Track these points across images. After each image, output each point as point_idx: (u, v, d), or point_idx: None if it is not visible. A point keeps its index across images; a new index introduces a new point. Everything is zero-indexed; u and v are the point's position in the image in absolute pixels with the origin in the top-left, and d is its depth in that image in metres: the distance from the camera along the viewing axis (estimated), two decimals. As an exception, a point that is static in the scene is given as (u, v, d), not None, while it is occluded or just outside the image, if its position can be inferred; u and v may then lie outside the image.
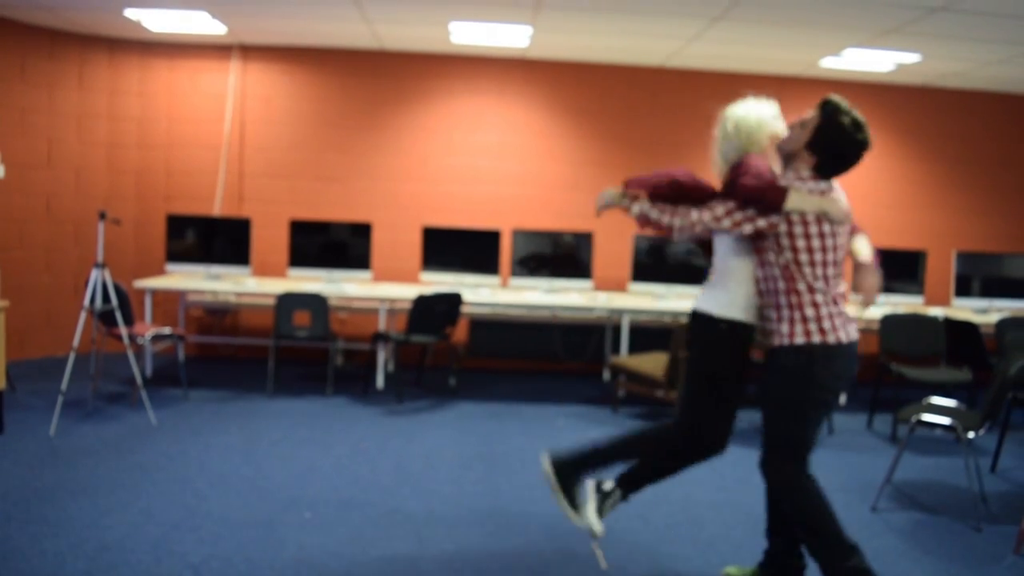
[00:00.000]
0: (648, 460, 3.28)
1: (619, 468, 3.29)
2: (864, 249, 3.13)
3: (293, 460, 4.56)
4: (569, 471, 3.24)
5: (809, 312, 2.97)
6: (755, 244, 3.04)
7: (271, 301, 6.16)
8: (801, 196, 2.90)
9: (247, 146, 7.23)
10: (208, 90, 7.21)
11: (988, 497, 4.58)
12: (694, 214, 3.05)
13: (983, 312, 7.02)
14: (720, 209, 3.01)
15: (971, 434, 4.22)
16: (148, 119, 7.21)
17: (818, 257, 2.96)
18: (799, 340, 2.96)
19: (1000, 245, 7.98)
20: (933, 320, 6.31)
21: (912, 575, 3.50)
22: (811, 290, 2.97)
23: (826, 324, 2.97)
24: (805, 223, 2.92)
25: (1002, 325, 6.18)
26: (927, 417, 4.41)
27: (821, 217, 2.93)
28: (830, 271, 2.99)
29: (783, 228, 2.93)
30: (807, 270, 2.95)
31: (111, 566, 3.16)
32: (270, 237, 7.18)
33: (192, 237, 6.66)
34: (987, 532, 4.04)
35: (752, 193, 2.89)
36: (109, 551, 3.29)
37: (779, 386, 3.04)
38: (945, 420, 4.34)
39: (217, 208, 7.18)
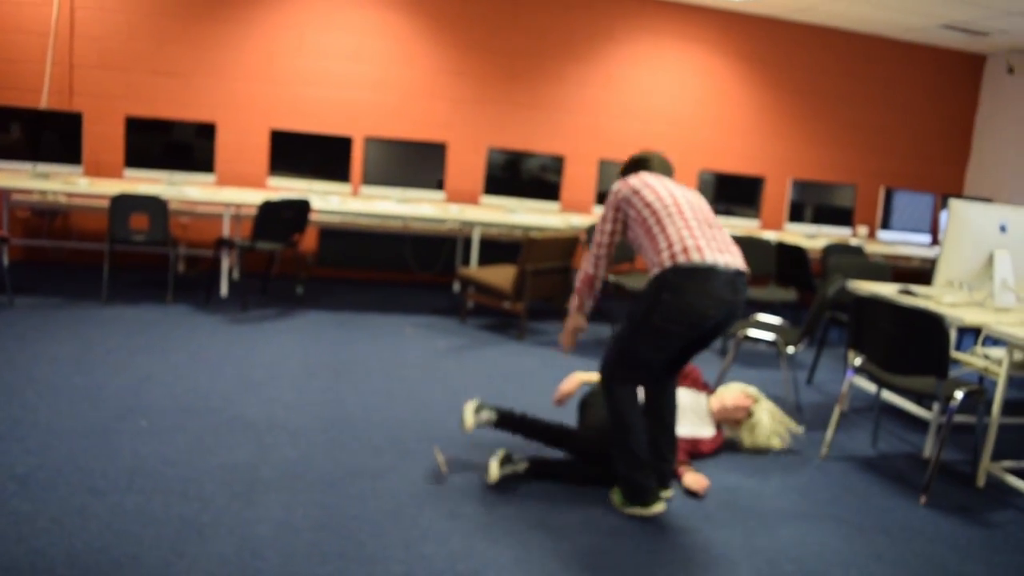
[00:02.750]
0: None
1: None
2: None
3: (129, 369, 4.41)
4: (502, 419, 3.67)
5: (662, 242, 3.25)
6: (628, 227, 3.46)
7: (105, 203, 5.83)
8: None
9: (78, 34, 6.67)
10: (31, -32, 6.58)
11: (803, 407, 4.99)
12: (592, 248, 3.54)
13: (812, 237, 7.51)
14: (596, 234, 3.54)
15: (791, 349, 4.56)
16: (-39, -4, 6.53)
17: (657, 206, 3.33)
18: (655, 271, 3.24)
19: (831, 174, 8.51)
20: (766, 243, 6.69)
21: (728, 479, 3.80)
22: (671, 225, 3.27)
23: (686, 245, 3.20)
24: (632, 200, 3.42)
25: (827, 250, 6.64)
26: (753, 332, 4.72)
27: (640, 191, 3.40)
28: (677, 219, 3.28)
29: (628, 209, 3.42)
30: (652, 222, 3.31)
31: (-75, 478, 3.00)
32: (104, 134, 6.75)
33: (16, 132, 6.15)
34: (799, 438, 4.42)
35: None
36: (-78, 462, 3.12)
37: (634, 304, 3.34)
38: (769, 335, 4.66)
39: (44, 101, 6.65)
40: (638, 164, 3.75)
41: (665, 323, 3.15)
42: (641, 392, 3.46)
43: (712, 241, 3.22)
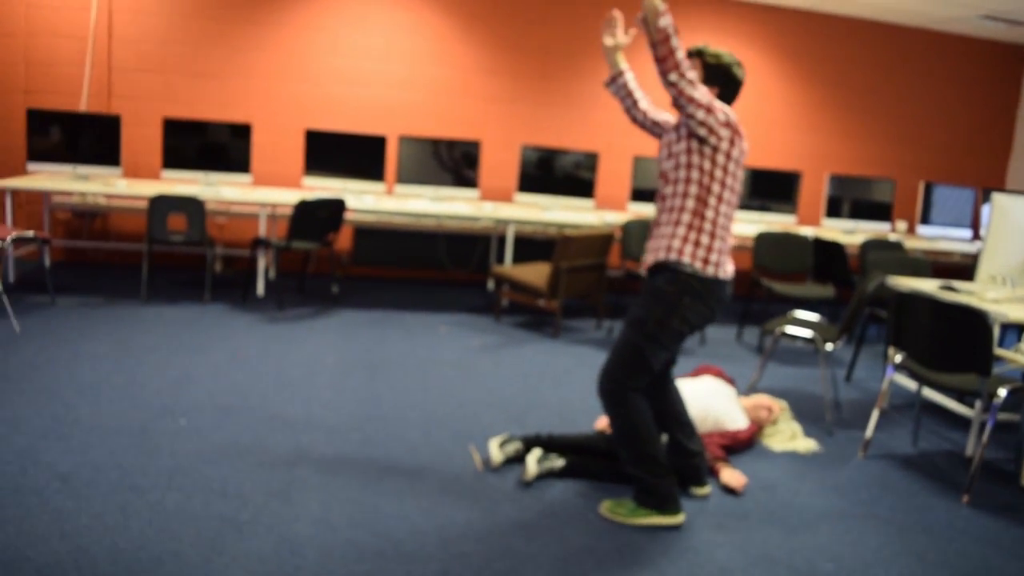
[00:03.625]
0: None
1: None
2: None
3: (168, 368, 4.47)
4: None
5: (704, 239, 3.08)
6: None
7: (143, 204, 5.92)
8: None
9: (116, 38, 6.77)
10: (71, -26, 6.69)
11: (841, 404, 4.93)
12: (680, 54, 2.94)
13: (850, 233, 7.41)
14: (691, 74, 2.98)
15: (829, 346, 4.50)
16: (2, 2, 6.65)
17: (730, 182, 3.10)
18: (677, 260, 3.09)
19: (869, 169, 8.39)
20: (803, 239, 6.61)
21: (768, 474, 3.76)
22: (715, 217, 3.09)
23: (713, 256, 3.10)
24: (722, 146, 3.05)
25: (866, 246, 6.54)
26: (790, 330, 4.67)
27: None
28: (731, 205, 3.14)
29: (725, 134, 3.04)
30: (716, 190, 3.07)
31: (-28, 475, 3.07)
32: (142, 136, 6.84)
33: (56, 134, 6.26)
34: (838, 436, 4.37)
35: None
36: (-30, 460, 3.19)
37: (646, 306, 3.16)
38: (806, 333, 4.61)
39: (83, 104, 6.76)
40: (732, 81, 3.22)
41: (682, 325, 3.12)
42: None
43: (729, 240, 3.18)
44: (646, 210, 7.09)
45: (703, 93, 2.98)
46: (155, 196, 5.67)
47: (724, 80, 3.19)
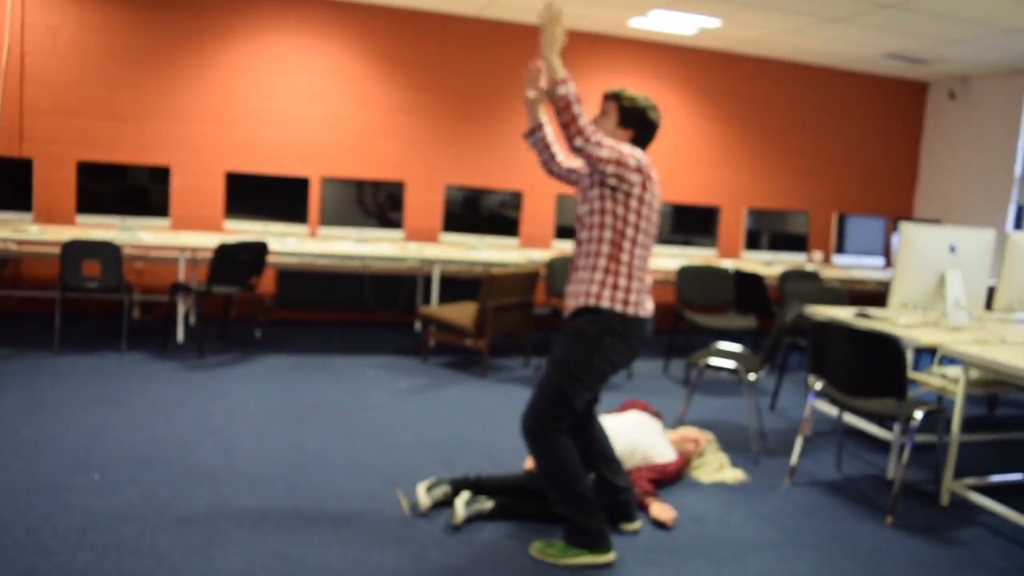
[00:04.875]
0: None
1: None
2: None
3: (81, 420, 4.29)
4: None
5: (622, 281, 3.11)
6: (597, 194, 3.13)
7: (56, 250, 5.71)
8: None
9: (28, 80, 6.58)
10: (-23, 16, 6.49)
11: (767, 433, 5.01)
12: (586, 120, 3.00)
13: (769, 264, 7.59)
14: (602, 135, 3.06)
15: (752, 376, 4.58)
16: (-96, 46, 6.42)
17: (644, 224, 3.13)
18: (596, 304, 3.11)
19: (785, 202, 8.64)
20: (724, 272, 6.75)
21: (697, 506, 3.78)
22: (630, 259, 3.12)
23: (632, 296, 3.12)
24: (634, 191, 3.08)
25: (784, 277, 6.71)
26: (714, 361, 4.73)
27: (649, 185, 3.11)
28: (646, 248, 3.18)
29: (635, 179, 3.06)
30: (630, 234, 3.10)
31: None
32: (56, 180, 6.64)
33: (-38, 179, 6.03)
34: (765, 464, 4.43)
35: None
36: None
37: (568, 346, 3.16)
38: (730, 364, 4.68)
39: (-8, 148, 6.53)
40: (647, 124, 3.25)
41: (605, 365, 3.14)
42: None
43: (647, 279, 3.22)
44: (570, 247, 7.14)
45: (609, 149, 3.02)
46: (68, 241, 5.49)
47: (639, 124, 3.24)
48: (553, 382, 3.13)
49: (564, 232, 7.18)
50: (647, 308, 3.18)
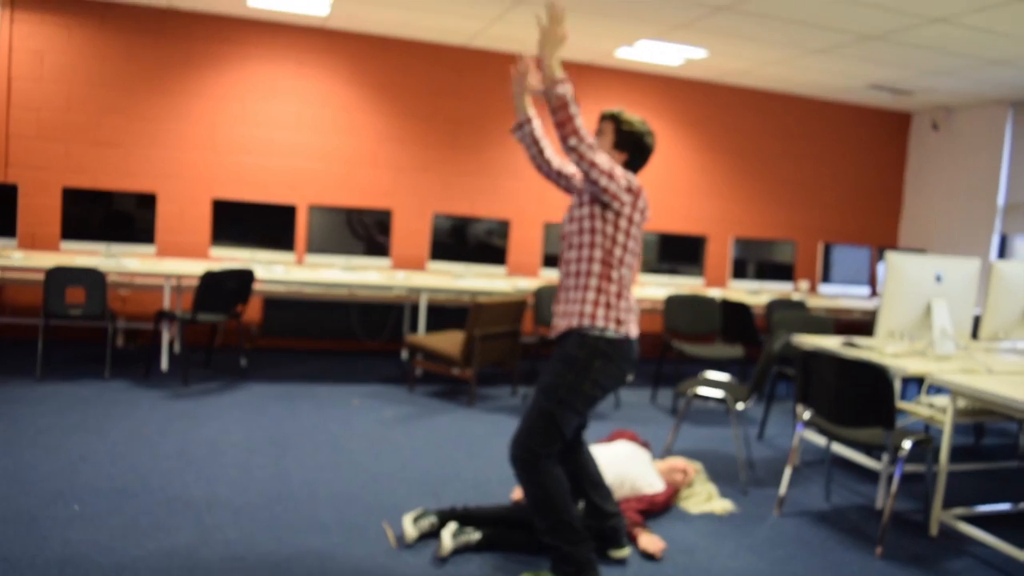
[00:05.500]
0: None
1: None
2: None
3: (62, 449, 4.23)
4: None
5: (614, 300, 3.10)
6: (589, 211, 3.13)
7: (40, 276, 5.66)
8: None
9: (15, 105, 6.56)
10: (-36, 42, 6.48)
11: (755, 463, 4.98)
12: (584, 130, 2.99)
13: (755, 293, 7.61)
14: (602, 155, 3.04)
15: (740, 405, 4.56)
16: None
17: (631, 245, 3.14)
18: (584, 326, 3.10)
19: (771, 231, 8.69)
20: (711, 301, 6.76)
21: (686, 537, 3.75)
22: (620, 279, 3.12)
23: (623, 316, 3.12)
24: (625, 211, 3.09)
25: (771, 306, 6.73)
26: (702, 391, 4.72)
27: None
28: (631, 269, 3.19)
29: (627, 199, 3.07)
30: (618, 253, 3.10)
31: None
32: (41, 206, 6.60)
33: (-55, 205, 5.98)
34: (753, 495, 4.40)
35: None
36: None
37: (557, 372, 3.14)
38: (718, 393, 4.66)
39: (-24, 174, 6.50)
40: (642, 149, 3.26)
41: (595, 389, 3.12)
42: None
43: (633, 300, 3.22)
44: (558, 276, 7.13)
45: (604, 158, 3.02)
46: (52, 268, 5.44)
47: (634, 148, 3.23)
48: (542, 408, 3.11)
49: (551, 261, 7.18)
50: (634, 330, 3.18)
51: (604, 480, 3.47)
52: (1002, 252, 8.15)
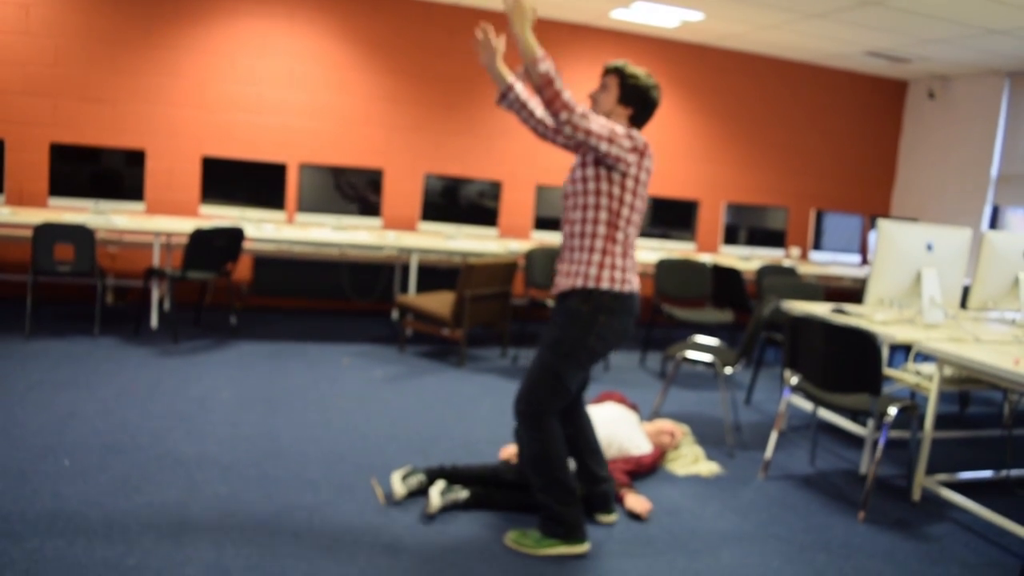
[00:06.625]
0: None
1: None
2: None
3: (51, 405, 4.23)
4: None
5: (619, 261, 3.10)
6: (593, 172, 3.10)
7: (28, 233, 5.62)
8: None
9: (1, 60, 6.46)
10: (-52, -8, 6.36)
11: (742, 426, 5.03)
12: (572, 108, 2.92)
13: (746, 259, 7.62)
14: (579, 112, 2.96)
15: (728, 370, 4.59)
16: None
17: (638, 204, 3.13)
18: (586, 284, 3.09)
19: (763, 197, 8.67)
20: (702, 266, 6.77)
21: (672, 499, 3.79)
22: (625, 238, 3.11)
23: (627, 275, 3.13)
24: (630, 171, 3.07)
25: (761, 272, 6.73)
26: (691, 354, 4.74)
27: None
28: (636, 227, 3.18)
29: (632, 159, 3.05)
30: (625, 213, 3.09)
31: None
32: (28, 162, 6.52)
33: (-69, 159, 5.91)
34: (739, 458, 4.44)
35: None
36: None
37: (562, 326, 3.14)
38: (706, 357, 4.69)
39: (-38, 127, 6.41)
40: (648, 103, 3.20)
41: (598, 344, 3.13)
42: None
43: (634, 256, 3.22)
44: (549, 238, 7.13)
45: (600, 123, 2.99)
46: (40, 224, 5.40)
47: (640, 102, 3.18)
48: (547, 363, 3.12)
49: (543, 223, 7.16)
50: (635, 284, 3.18)
51: (598, 445, 3.50)
52: (994, 223, 8.17)
